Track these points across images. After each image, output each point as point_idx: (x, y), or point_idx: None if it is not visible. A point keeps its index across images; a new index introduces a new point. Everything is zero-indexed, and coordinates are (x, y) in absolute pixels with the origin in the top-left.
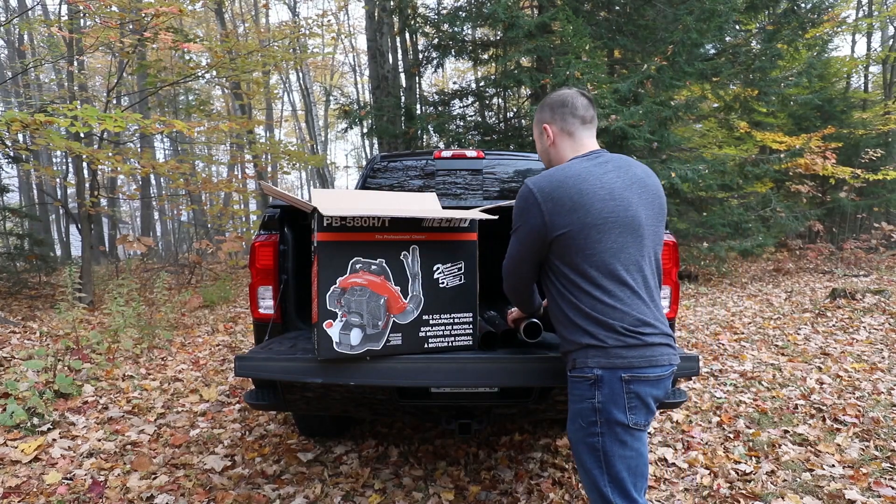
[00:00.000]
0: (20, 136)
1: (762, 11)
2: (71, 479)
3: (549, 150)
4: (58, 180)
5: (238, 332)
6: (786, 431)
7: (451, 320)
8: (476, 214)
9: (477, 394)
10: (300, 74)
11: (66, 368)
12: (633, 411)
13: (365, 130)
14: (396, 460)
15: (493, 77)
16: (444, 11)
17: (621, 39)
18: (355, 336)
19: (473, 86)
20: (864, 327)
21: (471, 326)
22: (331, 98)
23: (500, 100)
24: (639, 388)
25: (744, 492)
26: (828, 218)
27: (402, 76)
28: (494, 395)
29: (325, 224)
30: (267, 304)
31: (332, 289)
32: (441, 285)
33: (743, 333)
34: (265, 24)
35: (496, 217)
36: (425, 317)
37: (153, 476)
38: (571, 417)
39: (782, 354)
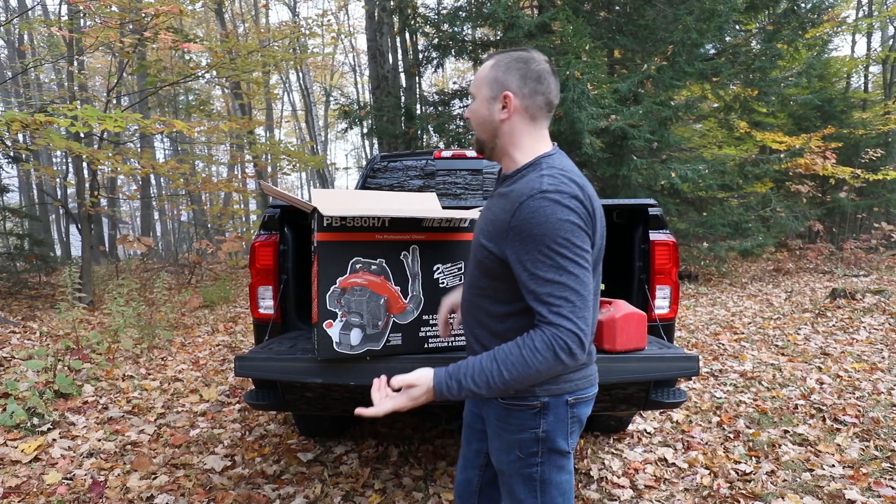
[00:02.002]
0: (20, 136)
1: (762, 11)
2: (71, 479)
3: (500, 127)
4: (58, 180)
5: (238, 332)
6: (786, 431)
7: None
8: (476, 214)
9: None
10: (300, 74)
11: (66, 368)
12: (572, 436)
13: (365, 131)
14: (396, 460)
15: None
16: (444, 11)
17: (621, 39)
18: (355, 336)
19: None
20: (864, 327)
21: None
22: (331, 98)
23: None
24: (580, 411)
25: (744, 492)
26: (828, 218)
27: (402, 76)
28: None
29: (325, 224)
30: (267, 304)
31: (332, 289)
32: (441, 285)
33: (743, 333)
34: (265, 24)
35: None
36: (425, 317)
37: (153, 476)
38: (505, 448)
39: (782, 354)
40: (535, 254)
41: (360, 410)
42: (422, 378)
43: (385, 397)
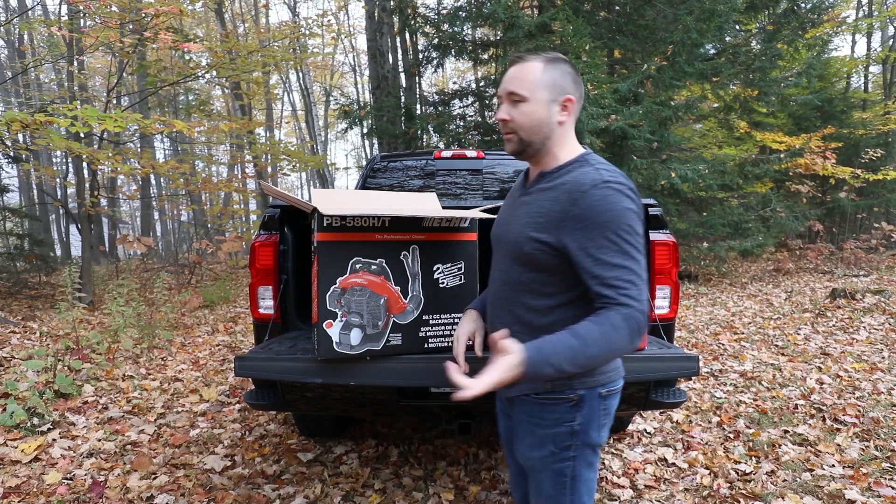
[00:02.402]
0: (20, 136)
1: (762, 11)
2: (71, 479)
3: (556, 128)
4: (58, 180)
5: (238, 332)
6: (786, 431)
7: (451, 320)
8: (476, 214)
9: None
10: (300, 74)
11: (66, 368)
12: (604, 429)
13: (365, 130)
14: (396, 460)
15: (493, 77)
16: (444, 11)
17: (621, 39)
18: (355, 336)
19: (473, 86)
20: (864, 327)
21: None
22: (331, 98)
23: None
24: (611, 403)
25: (744, 492)
26: (828, 218)
27: (402, 76)
28: (494, 395)
29: (325, 224)
30: (267, 304)
31: (332, 289)
32: (441, 285)
33: (743, 333)
34: (265, 24)
35: (496, 217)
36: (425, 317)
37: (153, 476)
38: (538, 443)
39: (782, 354)
40: (601, 240)
41: (457, 396)
42: (515, 346)
43: (470, 378)
